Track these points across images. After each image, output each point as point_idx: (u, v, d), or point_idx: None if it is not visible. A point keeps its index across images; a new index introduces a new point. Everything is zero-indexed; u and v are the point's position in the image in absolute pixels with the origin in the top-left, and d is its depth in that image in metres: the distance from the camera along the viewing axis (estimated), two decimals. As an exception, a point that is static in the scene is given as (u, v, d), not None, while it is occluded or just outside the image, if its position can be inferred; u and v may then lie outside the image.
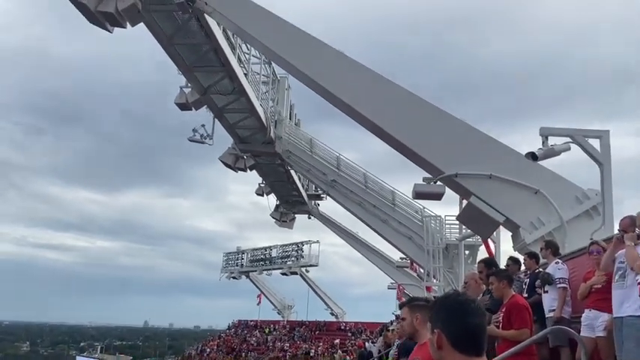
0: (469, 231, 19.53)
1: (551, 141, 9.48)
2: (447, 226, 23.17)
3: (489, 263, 7.47)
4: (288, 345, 46.78)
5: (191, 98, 22.16)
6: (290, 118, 30.39)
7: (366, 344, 21.05)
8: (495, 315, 5.62)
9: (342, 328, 49.77)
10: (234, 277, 59.58)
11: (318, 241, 53.17)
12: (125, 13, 14.30)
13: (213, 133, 25.54)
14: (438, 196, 15.95)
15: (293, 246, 54.20)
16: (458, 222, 20.83)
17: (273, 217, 38.07)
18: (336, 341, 43.91)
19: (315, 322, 52.27)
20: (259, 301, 56.01)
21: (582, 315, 6.28)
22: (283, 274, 54.71)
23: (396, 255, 31.08)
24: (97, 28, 15.05)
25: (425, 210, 23.63)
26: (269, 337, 49.88)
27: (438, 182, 12.70)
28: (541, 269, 7.52)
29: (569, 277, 7.08)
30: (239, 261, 59.57)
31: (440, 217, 23.34)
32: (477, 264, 8.26)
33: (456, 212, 18.45)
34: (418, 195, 15.90)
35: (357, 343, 32.21)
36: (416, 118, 12.42)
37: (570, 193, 11.11)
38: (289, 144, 27.21)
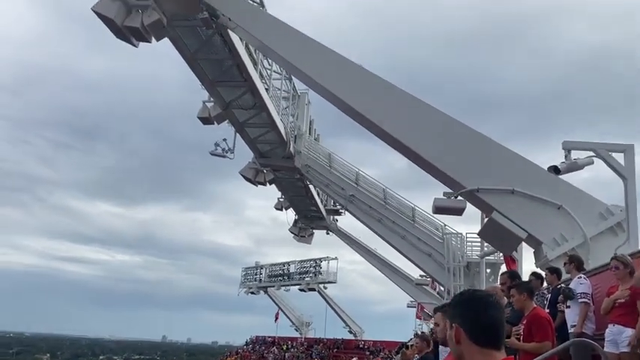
0: (491, 248, 19.26)
1: (574, 155, 9.37)
2: (468, 243, 22.91)
3: (513, 275, 7.37)
4: (306, 362, 46.38)
5: (213, 112, 22.45)
6: (309, 133, 30.56)
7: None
8: (516, 327, 5.53)
9: (361, 346, 49.23)
10: (253, 293, 59.55)
11: (336, 258, 52.98)
12: (150, 28, 14.61)
13: (235, 147, 25.80)
14: (458, 211, 15.73)
15: (311, 262, 54.04)
16: (479, 239, 20.57)
17: (292, 232, 38.07)
18: None
19: (333, 340, 51.80)
20: (277, 317, 55.80)
21: (606, 330, 6.13)
22: (301, 290, 54.50)
23: (415, 272, 30.75)
24: (123, 44, 15.40)
25: (446, 227, 23.40)
26: (286, 354, 49.54)
27: (459, 197, 12.58)
28: (564, 284, 7.38)
29: (594, 294, 6.93)
30: (257, 276, 59.59)
31: (461, 234, 23.10)
32: (501, 275, 8.16)
33: (477, 229, 18.22)
34: (438, 210, 15.71)
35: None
36: (437, 131, 12.38)
37: (594, 209, 10.91)
38: (308, 159, 27.32)
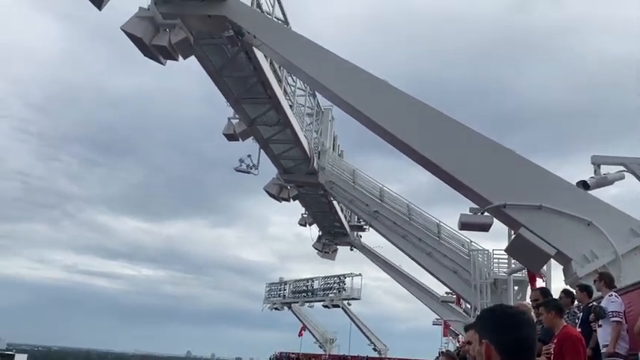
0: (518, 265, 18.89)
1: (604, 170, 9.16)
2: (494, 260, 22.50)
3: (545, 292, 7.21)
4: (329, 380, 45.87)
5: (238, 129, 22.71)
6: (333, 149, 30.62)
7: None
8: (547, 346, 5.38)
9: (385, 364, 48.53)
10: (277, 309, 59.43)
11: (360, 275, 52.59)
12: (177, 47, 14.93)
13: (259, 164, 26.00)
14: (485, 227, 15.52)
15: (335, 278, 53.75)
16: (506, 256, 20.20)
17: (316, 248, 37.97)
18: (379, 378, 42.79)
19: (357, 358, 51.19)
20: (301, 333, 55.50)
21: (641, 351, 5.93)
22: (325, 307, 54.16)
23: (441, 289, 30.31)
24: (150, 61, 15.76)
25: (472, 243, 23.05)
26: (310, 371, 49.13)
27: (486, 213, 12.40)
28: (595, 303, 7.18)
29: (627, 312, 6.73)
30: (281, 292, 59.48)
31: (487, 250, 22.72)
32: (533, 292, 7.98)
33: (503, 246, 17.89)
34: (464, 226, 15.52)
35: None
36: (463, 147, 12.27)
37: (625, 225, 10.63)
38: (332, 175, 27.34)
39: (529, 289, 20.39)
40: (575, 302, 7.95)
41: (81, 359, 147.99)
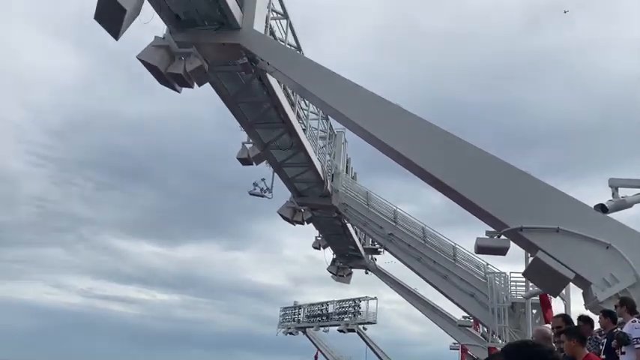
0: (536, 288, 18.59)
1: (622, 192, 9.05)
2: (512, 283, 22.20)
3: (568, 319, 7.07)
4: (345, 406, 45.06)
5: (252, 153, 22.90)
6: (346, 172, 30.68)
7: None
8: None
9: (402, 389, 47.62)
10: (291, 333, 58.81)
11: (375, 298, 51.99)
12: (193, 74, 15.18)
13: (273, 187, 26.11)
14: (502, 251, 15.39)
15: (350, 302, 53.17)
16: (524, 278, 19.92)
17: (330, 272, 37.76)
18: (395, 404, 41.95)
19: (373, 383, 50.30)
20: (316, 358, 54.78)
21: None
22: (340, 331, 53.50)
23: (457, 313, 29.86)
24: (166, 88, 16.02)
25: (488, 266, 22.79)
26: (325, 397, 48.33)
27: (502, 236, 12.28)
28: (618, 328, 7.04)
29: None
30: (296, 316, 58.94)
31: (504, 273, 22.43)
32: (555, 318, 7.84)
33: (521, 268, 17.67)
34: (481, 249, 15.39)
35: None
36: (478, 170, 12.22)
37: (646, 248, 10.43)
38: (346, 197, 27.34)
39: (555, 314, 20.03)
40: (597, 327, 7.80)
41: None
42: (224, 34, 15.31)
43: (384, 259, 35.44)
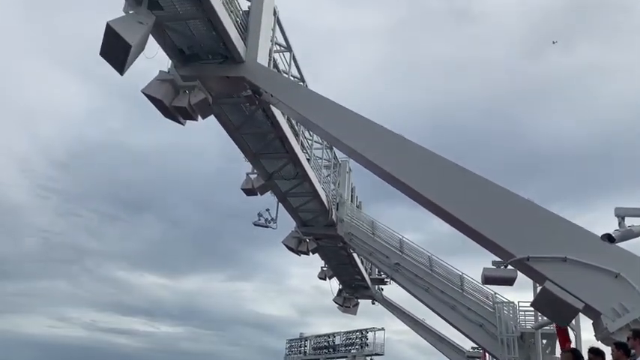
0: (546, 319, 18.27)
1: (628, 222, 8.96)
2: (521, 312, 21.85)
3: (578, 355, 6.92)
4: None
5: (257, 184, 22.93)
6: (351, 201, 30.63)
7: None
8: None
9: (411, 423, 46.47)
10: (298, 365, 57.85)
11: (383, 329, 51.22)
12: (197, 107, 15.31)
13: (277, 217, 26.06)
14: (509, 281, 15.13)
15: (357, 333, 52.35)
16: (532, 308, 19.60)
17: (336, 303, 37.34)
18: None
19: (381, 416, 49.12)
20: (323, 391, 53.67)
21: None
22: (347, 363, 52.57)
23: (466, 344, 29.40)
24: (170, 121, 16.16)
25: (496, 296, 22.49)
26: None
27: (509, 266, 12.12)
28: (631, 362, 6.87)
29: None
30: (302, 348, 58.00)
31: (513, 303, 22.11)
32: (563, 354, 7.67)
33: (529, 297, 17.40)
34: (488, 280, 15.15)
35: None
36: (482, 199, 12.15)
37: (656, 277, 10.26)
38: (351, 226, 27.23)
39: (558, 344, 19.65)
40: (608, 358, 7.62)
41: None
42: (228, 67, 15.51)
43: (391, 289, 35.11)
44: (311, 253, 29.23)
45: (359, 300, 37.76)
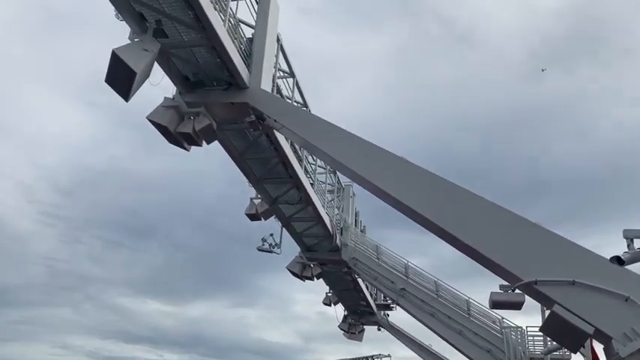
0: (555, 344, 17.96)
1: (637, 243, 8.86)
2: (529, 337, 21.51)
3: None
4: None
5: (260, 209, 22.92)
6: (355, 225, 30.53)
7: None
8: None
9: None
10: (302, 393, 56.94)
11: (389, 355, 50.50)
12: (201, 133, 15.41)
13: (281, 242, 25.95)
14: (517, 306, 14.99)
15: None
16: (541, 333, 19.31)
17: (342, 329, 36.92)
18: None
19: None
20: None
21: None
22: (353, 391, 51.71)
23: (474, 370, 28.79)
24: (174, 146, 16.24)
25: (504, 320, 22.19)
26: None
27: (517, 290, 11.98)
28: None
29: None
30: (307, 375, 57.20)
31: (521, 327, 21.78)
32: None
33: (537, 321, 17.15)
34: (495, 305, 15.01)
35: None
36: (489, 222, 12.06)
37: (667, 300, 10.09)
38: (355, 251, 27.07)
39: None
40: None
41: None
42: (232, 93, 15.65)
43: (397, 315, 34.73)
44: (315, 279, 29.04)
45: (364, 326, 37.34)
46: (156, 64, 13.72)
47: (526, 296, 12.86)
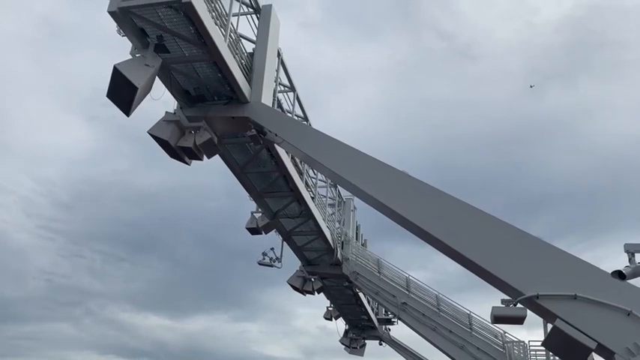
0: (558, 358, 17.81)
1: (638, 258, 8.83)
2: (532, 352, 21.36)
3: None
4: None
5: (261, 223, 22.89)
6: (356, 239, 30.46)
7: None
8: None
9: None
10: (303, 409, 56.38)
11: (390, 369, 50.13)
12: (202, 147, 15.45)
13: (282, 256, 25.88)
14: (519, 320, 14.86)
15: (364, 374, 51.23)
16: (544, 348, 19.18)
17: (343, 344, 36.66)
18: None
19: None
20: None
21: None
22: (355, 406, 51.14)
23: (476, 385, 28.51)
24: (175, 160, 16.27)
25: (506, 335, 22.04)
26: None
27: (518, 305, 11.91)
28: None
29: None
30: (308, 391, 56.67)
31: (523, 342, 21.65)
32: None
33: (540, 335, 17.02)
34: (497, 319, 14.89)
35: None
36: (490, 236, 12.03)
37: (669, 314, 10.03)
38: (356, 265, 26.98)
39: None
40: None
41: None
42: (233, 108, 15.73)
43: (399, 329, 34.51)
44: (316, 293, 28.88)
45: (366, 341, 37.08)
46: (157, 78, 13.81)
47: (528, 310, 12.77)
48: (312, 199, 23.38)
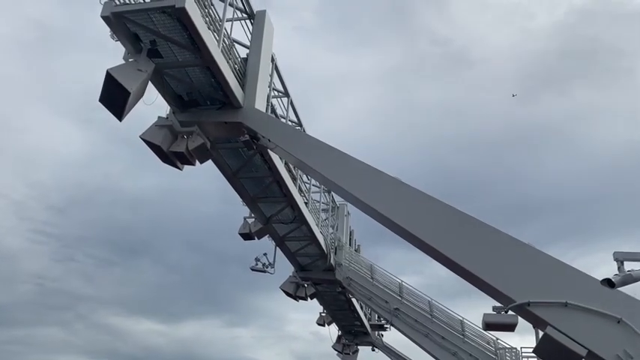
0: (549, 365, 17.83)
1: (628, 266, 8.87)
2: (524, 359, 21.37)
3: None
4: None
5: (254, 228, 22.83)
6: (350, 244, 30.44)
7: None
8: None
9: None
10: (296, 415, 56.14)
11: (384, 376, 50.01)
12: (195, 152, 15.41)
13: (275, 262, 25.81)
14: (510, 327, 14.92)
15: (357, 380, 51.10)
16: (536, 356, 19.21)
17: (336, 349, 36.57)
18: None
19: None
20: None
21: None
22: (347, 412, 50.97)
23: (469, 391, 28.48)
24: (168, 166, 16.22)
25: (498, 341, 22.06)
26: None
27: (510, 312, 11.93)
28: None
29: None
30: (300, 397, 56.45)
31: (515, 349, 21.66)
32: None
33: (531, 342, 17.03)
34: (489, 326, 14.92)
35: None
36: (481, 243, 12.06)
37: (659, 322, 10.06)
38: (350, 271, 26.95)
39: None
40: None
41: None
42: (226, 113, 15.70)
43: (392, 335, 34.49)
44: (309, 299, 28.81)
45: (359, 346, 37.02)
46: (150, 83, 13.78)
47: (519, 317, 12.79)
48: (306, 204, 23.36)
